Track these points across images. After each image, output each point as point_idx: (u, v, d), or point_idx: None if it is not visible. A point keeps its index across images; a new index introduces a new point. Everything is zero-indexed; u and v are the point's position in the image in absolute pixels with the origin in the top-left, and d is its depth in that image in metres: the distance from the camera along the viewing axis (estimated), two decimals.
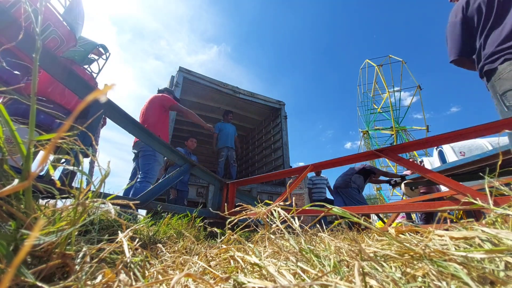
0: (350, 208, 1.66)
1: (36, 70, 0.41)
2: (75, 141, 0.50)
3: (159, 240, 0.95)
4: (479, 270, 0.36)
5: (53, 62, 1.13)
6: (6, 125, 0.40)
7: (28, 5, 0.55)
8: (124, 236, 0.46)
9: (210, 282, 0.35)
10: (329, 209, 0.56)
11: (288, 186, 1.29)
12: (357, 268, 0.32)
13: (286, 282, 0.34)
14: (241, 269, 0.47)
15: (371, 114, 28.49)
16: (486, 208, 0.57)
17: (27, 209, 0.42)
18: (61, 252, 0.40)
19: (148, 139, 1.72)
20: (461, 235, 0.44)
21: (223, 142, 4.81)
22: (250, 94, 5.18)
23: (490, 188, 0.62)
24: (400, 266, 0.42)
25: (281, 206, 0.65)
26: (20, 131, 0.42)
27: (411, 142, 1.60)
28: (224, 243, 0.69)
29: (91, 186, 0.51)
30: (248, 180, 2.42)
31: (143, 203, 1.60)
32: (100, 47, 2.73)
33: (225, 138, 4.83)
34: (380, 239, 0.71)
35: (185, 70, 4.39)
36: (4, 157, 0.44)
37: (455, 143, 6.06)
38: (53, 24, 1.90)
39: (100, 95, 0.27)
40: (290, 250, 0.53)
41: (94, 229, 0.71)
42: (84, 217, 0.47)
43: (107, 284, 0.37)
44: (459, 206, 0.88)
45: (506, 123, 1.25)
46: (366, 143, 28.32)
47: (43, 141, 0.42)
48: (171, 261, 0.61)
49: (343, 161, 1.85)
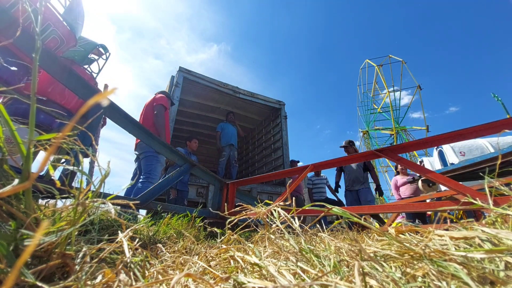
0: (350, 208, 1.66)
1: (36, 70, 0.41)
2: (75, 141, 0.50)
3: (159, 240, 0.95)
4: (479, 270, 0.36)
5: (53, 62, 1.13)
6: (6, 125, 0.40)
7: (28, 5, 0.55)
8: (124, 236, 0.46)
9: (210, 282, 0.35)
10: (329, 209, 0.56)
11: (288, 186, 1.29)
12: (357, 268, 0.32)
13: (286, 282, 0.34)
14: (241, 269, 0.47)
15: (371, 114, 28.51)
16: (486, 208, 0.57)
17: (27, 209, 0.42)
18: (61, 252, 0.40)
19: (148, 139, 1.72)
20: (461, 235, 0.44)
21: (226, 140, 4.82)
22: (250, 94, 5.18)
23: (490, 188, 0.62)
24: (400, 266, 0.42)
25: (281, 206, 0.65)
26: (20, 131, 0.42)
27: (411, 142, 1.60)
28: (224, 243, 0.69)
29: (91, 186, 0.51)
30: (248, 180, 2.42)
31: (143, 203, 1.60)
32: (100, 47, 2.73)
33: (229, 137, 4.85)
34: (380, 239, 0.71)
35: (185, 70, 4.39)
36: (4, 157, 0.44)
37: (455, 143, 6.06)
38: (53, 24, 1.90)
39: (102, 99, 0.26)
40: (290, 250, 0.53)
41: (94, 229, 0.71)
42: (84, 217, 0.47)
43: (107, 284, 0.37)
44: (459, 206, 0.88)
45: (506, 123, 1.25)
46: (366, 143, 28.32)
47: (43, 141, 0.42)
48: (171, 261, 0.61)
49: (343, 161, 1.85)
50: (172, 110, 4.00)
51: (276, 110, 5.55)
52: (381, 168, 27.53)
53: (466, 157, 5.89)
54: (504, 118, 1.33)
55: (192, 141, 4.07)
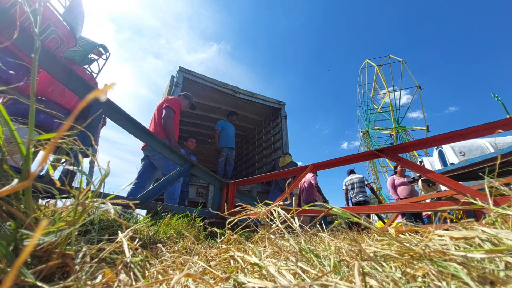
0: (350, 208, 1.66)
1: (35, 70, 0.41)
2: (74, 141, 0.50)
3: (159, 240, 0.95)
4: (479, 270, 0.36)
5: (53, 62, 1.13)
6: (5, 125, 0.40)
7: (27, 5, 0.55)
8: (124, 236, 0.46)
9: (210, 282, 0.35)
10: (329, 209, 0.56)
11: (288, 186, 1.29)
12: (357, 268, 0.32)
13: (286, 282, 0.34)
14: (241, 269, 0.47)
15: (371, 114, 28.51)
16: (486, 208, 0.57)
17: (27, 209, 0.42)
18: (61, 252, 0.40)
19: (148, 139, 1.72)
20: (461, 235, 0.44)
21: (225, 142, 4.83)
22: (250, 94, 5.18)
23: (490, 188, 0.62)
24: (400, 266, 0.42)
25: (281, 206, 0.65)
26: (20, 131, 0.42)
27: (411, 142, 1.60)
28: (224, 243, 0.69)
29: (91, 186, 0.51)
30: (248, 180, 2.42)
31: (143, 203, 1.60)
32: (100, 47, 2.73)
33: (228, 138, 4.87)
34: (380, 239, 0.71)
35: (185, 70, 4.39)
36: (4, 157, 0.44)
37: (455, 143, 6.06)
38: (53, 24, 1.90)
39: (100, 95, 0.27)
40: (290, 250, 0.53)
41: (94, 229, 0.70)
42: (84, 217, 0.47)
43: (107, 284, 0.37)
44: (459, 206, 0.88)
45: (506, 123, 1.25)
46: (366, 143, 28.33)
47: (42, 141, 0.42)
48: (171, 261, 0.61)
49: (343, 161, 1.85)
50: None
51: (276, 110, 5.55)
52: (381, 168, 27.56)
53: (466, 157, 5.89)
54: (504, 118, 1.33)
55: (188, 141, 4.03)
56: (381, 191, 26.32)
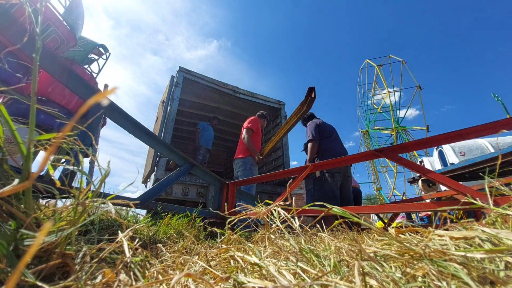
0: (350, 208, 1.66)
1: (36, 70, 0.41)
2: (75, 141, 0.50)
3: (159, 240, 0.95)
4: (479, 270, 0.36)
5: (53, 62, 1.13)
6: (6, 125, 0.40)
7: (28, 5, 0.55)
8: (124, 236, 0.46)
9: (210, 282, 0.35)
10: (329, 209, 0.56)
11: (288, 186, 1.29)
12: (357, 268, 0.32)
13: (286, 282, 0.34)
14: (241, 269, 0.47)
15: (371, 114, 28.50)
16: (486, 208, 0.57)
17: (27, 209, 0.42)
18: (61, 252, 0.40)
19: (148, 139, 1.72)
20: (461, 235, 0.44)
21: (204, 142, 4.98)
22: (250, 94, 5.18)
23: (490, 188, 0.62)
24: (400, 266, 0.42)
25: (281, 206, 0.65)
26: (20, 131, 0.42)
27: (411, 142, 1.60)
28: (224, 243, 0.69)
29: (91, 186, 0.51)
30: (248, 180, 2.42)
31: (143, 203, 1.60)
32: (100, 47, 2.73)
33: (206, 140, 5.02)
34: (380, 239, 0.71)
35: (185, 70, 4.40)
36: (4, 157, 0.44)
37: (455, 143, 6.06)
38: (53, 24, 1.90)
39: (102, 99, 0.26)
40: (290, 250, 0.53)
41: (94, 229, 0.70)
42: (84, 217, 0.47)
43: (107, 284, 0.37)
44: (459, 206, 0.88)
45: (506, 123, 1.25)
46: (366, 143, 28.32)
47: (43, 141, 0.42)
48: (171, 261, 0.61)
49: (343, 161, 1.85)
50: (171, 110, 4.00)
51: (276, 110, 5.55)
52: (381, 168, 27.55)
53: (466, 157, 5.89)
54: (504, 118, 1.33)
55: None
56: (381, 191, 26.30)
